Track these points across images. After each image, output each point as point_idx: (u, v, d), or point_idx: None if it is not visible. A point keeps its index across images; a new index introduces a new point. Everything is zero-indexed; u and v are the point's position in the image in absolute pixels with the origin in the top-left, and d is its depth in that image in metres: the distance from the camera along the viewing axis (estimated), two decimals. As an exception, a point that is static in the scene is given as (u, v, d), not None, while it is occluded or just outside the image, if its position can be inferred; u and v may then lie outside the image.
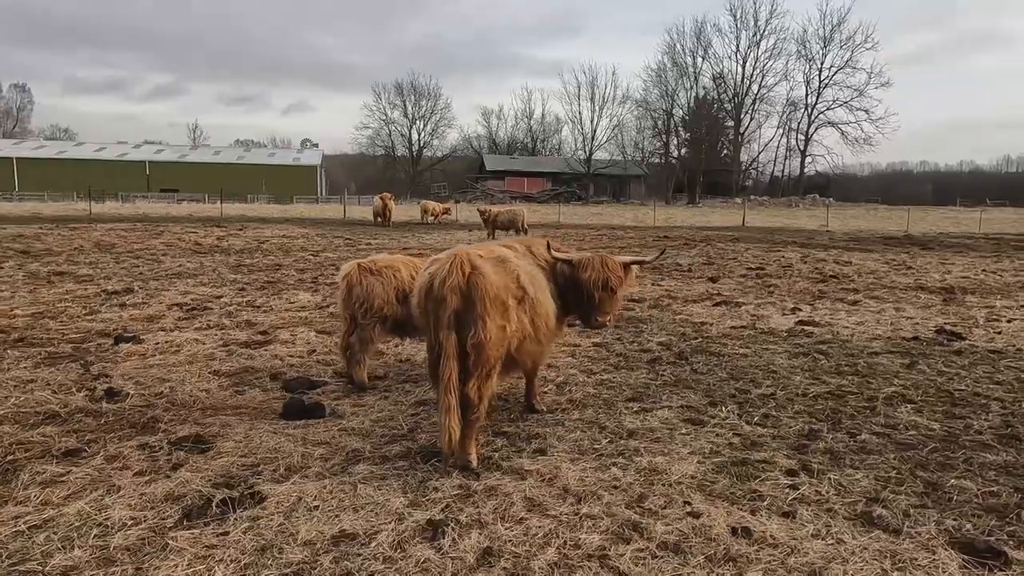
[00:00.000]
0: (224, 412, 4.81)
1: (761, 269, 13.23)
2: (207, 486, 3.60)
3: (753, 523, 3.34)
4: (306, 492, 3.57)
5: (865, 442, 4.49)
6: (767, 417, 4.95)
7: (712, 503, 3.55)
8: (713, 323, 8.13)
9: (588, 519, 3.35)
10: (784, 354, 6.73)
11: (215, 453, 4.07)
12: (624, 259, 4.91)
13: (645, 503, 3.54)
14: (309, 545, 3.07)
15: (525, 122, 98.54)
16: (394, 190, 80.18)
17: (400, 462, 4.01)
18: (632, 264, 4.97)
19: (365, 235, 21.97)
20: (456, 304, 3.71)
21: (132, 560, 2.93)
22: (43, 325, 7.31)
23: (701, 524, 3.32)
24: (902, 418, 4.94)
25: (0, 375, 5.44)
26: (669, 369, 6.15)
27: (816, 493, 3.72)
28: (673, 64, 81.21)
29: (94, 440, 4.21)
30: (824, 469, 4.03)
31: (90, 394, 5.03)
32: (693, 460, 4.10)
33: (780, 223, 35.84)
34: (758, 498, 3.64)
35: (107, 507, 3.37)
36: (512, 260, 4.13)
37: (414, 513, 3.38)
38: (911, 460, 4.20)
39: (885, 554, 3.09)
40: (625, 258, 4.94)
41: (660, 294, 10.17)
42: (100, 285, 10.11)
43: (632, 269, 4.99)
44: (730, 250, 17.68)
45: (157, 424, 4.51)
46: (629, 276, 4.92)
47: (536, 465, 3.98)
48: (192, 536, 3.12)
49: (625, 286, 4.86)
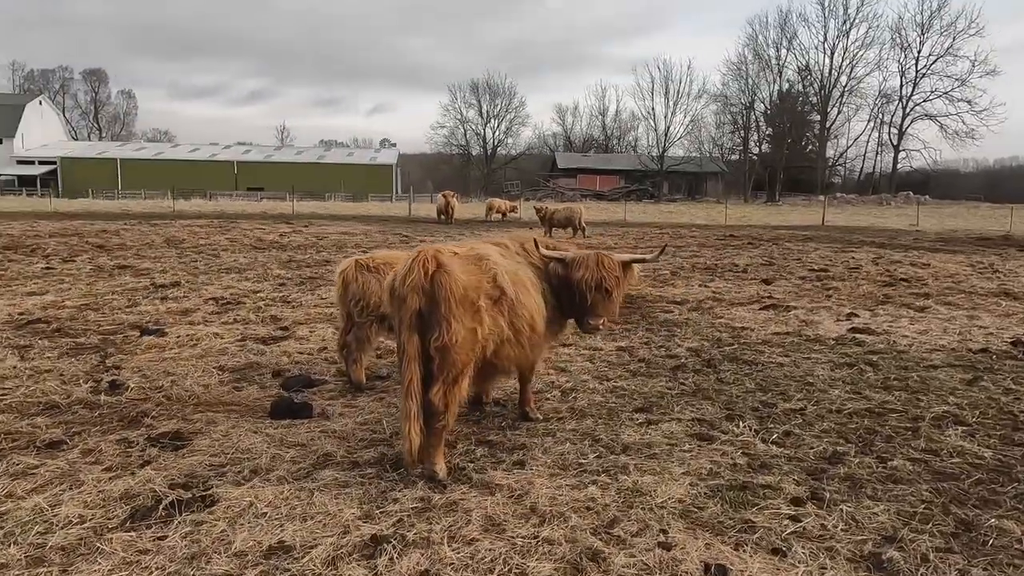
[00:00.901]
0: (215, 408, 4.76)
1: (825, 271, 12.32)
2: (164, 486, 3.51)
3: (732, 560, 2.94)
4: (260, 497, 3.43)
5: (896, 469, 3.94)
6: (788, 435, 4.46)
7: (692, 533, 3.16)
8: (755, 328, 7.54)
9: (546, 544, 3.04)
10: (827, 364, 6.13)
11: (188, 451, 4.00)
12: (623, 257, 4.52)
13: (615, 529, 3.19)
14: (240, 556, 2.90)
15: (600, 119, 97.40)
16: (468, 188, 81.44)
17: (369, 469, 3.82)
18: (633, 263, 4.58)
19: (424, 232, 22.12)
20: (418, 304, 3.47)
21: (61, 562, 2.85)
22: (84, 316, 7.59)
23: (671, 558, 2.94)
24: (948, 442, 4.33)
25: (21, 364, 5.63)
26: (692, 378, 5.70)
27: (820, 527, 3.26)
28: (755, 57, 78.08)
29: (79, 433, 4.23)
30: (838, 499, 3.55)
31: (95, 386, 5.11)
32: (685, 482, 3.70)
33: (865, 222, 33.70)
34: (748, 530, 3.22)
35: (62, 503, 3.33)
36: (491, 258, 3.84)
37: (362, 527, 3.17)
38: (947, 493, 3.65)
39: (882, 608, 2.63)
40: (624, 256, 4.55)
41: (706, 296, 9.59)
42: (153, 279, 10.50)
43: (633, 268, 4.60)
44: (797, 250, 16.64)
45: (144, 419, 4.50)
46: (629, 276, 4.53)
47: (509, 479, 3.69)
48: (129, 539, 3.02)
49: (623, 287, 4.47)
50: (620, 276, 4.41)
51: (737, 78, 78.52)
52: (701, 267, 12.79)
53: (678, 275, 11.69)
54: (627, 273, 4.52)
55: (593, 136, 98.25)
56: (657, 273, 11.82)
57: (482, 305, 3.62)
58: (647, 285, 10.46)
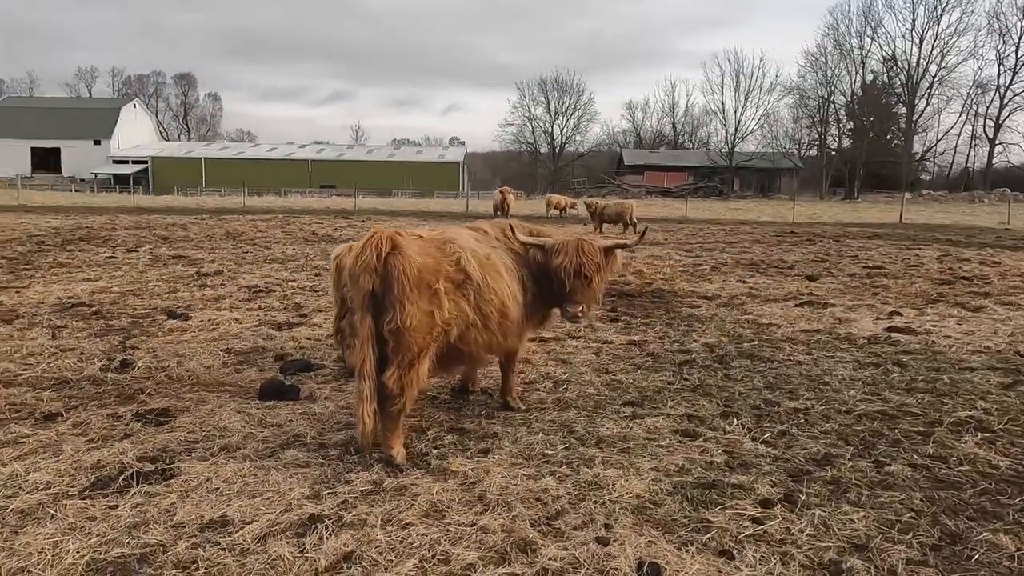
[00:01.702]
0: (210, 388, 4.91)
1: (880, 268, 11.56)
2: (133, 458, 3.63)
3: (670, 559, 2.77)
4: (219, 473, 3.49)
5: (891, 474, 3.64)
6: (782, 435, 4.19)
7: (638, 529, 3.00)
8: (782, 325, 7.15)
9: (480, 532, 2.95)
10: (850, 364, 5.74)
11: (168, 427, 4.13)
12: (605, 243, 4.37)
13: (558, 521, 3.07)
14: (177, 528, 2.95)
15: (669, 115, 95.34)
16: (535, 186, 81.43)
17: (334, 451, 3.83)
18: (615, 248, 4.42)
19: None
20: (370, 285, 3.44)
21: (15, 523, 2.97)
22: (124, 301, 8.00)
23: (605, 553, 2.80)
24: (961, 449, 3.97)
25: (50, 342, 5.98)
26: (698, 373, 5.45)
27: (784, 531, 3.03)
28: (836, 46, 74.37)
29: (77, 407, 4.44)
30: (814, 503, 3.30)
31: (107, 364, 5.36)
32: (650, 477, 3.52)
33: (949, 220, 31.53)
34: (702, 529, 3.03)
35: (38, 470, 3.49)
36: (456, 242, 3.78)
37: (305, 506, 3.18)
38: (942, 502, 3.33)
39: (818, 619, 2.41)
40: (606, 242, 4.40)
41: (740, 292, 9.18)
42: (200, 268, 10.97)
43: (615, 254, 4.45)
44: (857, 247, 15.71)
45: (139, 395, 4.68)
46: (610, 262, 4.38)
47: (467, 467, 3.62)
48: (82, 506, 3.13)
49: (604, 273, 4.32)
50: (600, 262, 4.27)
51: (815, 70, 75.08)
52: (746, 263, 12.26)
53: (718, 271, 11.26)
54: (609, 259, 4.38)
55: (663, 132, 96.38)
56: (696, 268, 11.43)
57: (441, 288, 3.55)
58: (681, 280, 10.13)
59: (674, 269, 11.30)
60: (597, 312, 7.12)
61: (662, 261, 12.35)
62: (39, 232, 16.83)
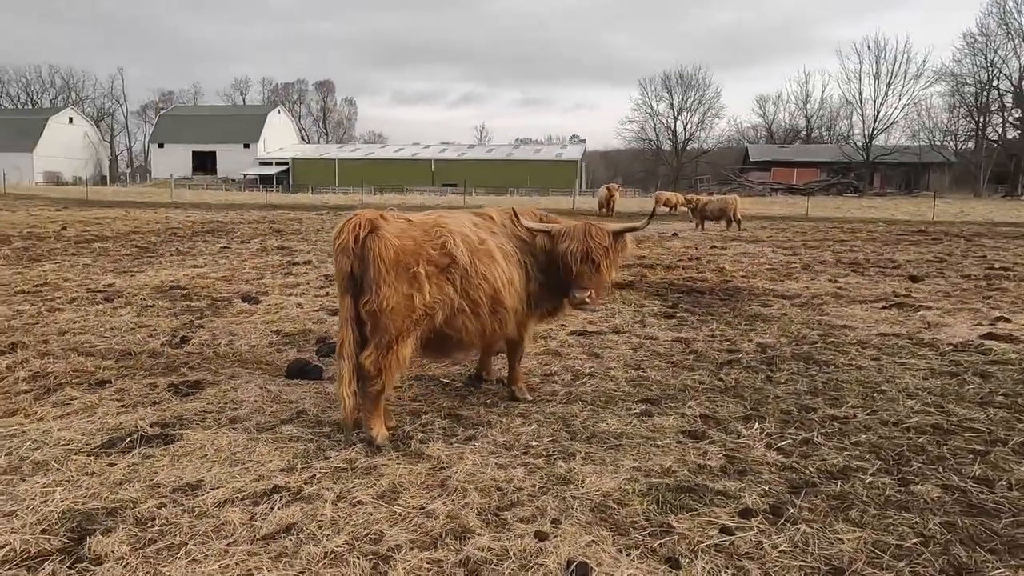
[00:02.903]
0: (246, 365, 5.21)
1: (1005, 271, 10.12)
2: (148, 424, 3.93)
3: (604, 561, 2.59)
4: (215, 442, 3.69)
5: (913, 494, 3.20)
6: (805, 443, 3.81)
7: (586, 528, 2.83)
8: (858, 328, 6.48)
9: (424, 516, 2.92)
10: (922, 372, 5.10)
11: (193, 398, 4.43)
12: (614, 227, 4.18)
13: (506, 512, 2.96)
14: (153, 488, 3.16)
15: (803, 108, 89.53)
16: (657, 184, 79.46)
17: (327, 428, 3.93)
18: (625, 232, 4.22)
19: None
20: (349, 266, 3.49)
21: (26, 473, 3.31)
22: (214, 286, 8.70)
23: (538, 548, 2.67)
24: (1017, 473, 3.41)
25: (134, 319, 6.62)
26: (738, 374, 5.07)
27: (754, 545, 2.75)
28: (1001, 25, 66.29)
29: (125, 376, 4.88)
30: (805, 518, 2.97)
31: (169, 340, 5.85)
32: (625, 476, 3.32)
33: None
34: (659, 534, 2.81)
35: (67, 429, 3.87)
36: (445, 226, 3.75)
37: (275, 477, 3.29)
38: (964, 530, 2.88)
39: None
40: (615, 226, 4.21)
41: (826, 291, 8.42)
42: (293, 258, 11.71)
43: (625, 238, 4.26)
44: (990, 248, 13.91)
45: (182, 368, 5.06)
46: (620, 246, 4.19)
47: (443, 452, 3.58)
48: (85, 462, 3.43)
49: (613, 257, 4.14)
50: (609, 247, 4.10)
51: (974, 52, 67.37)
52: (847, 262, 11.23)
53: (810, 269, 10.39)
54: (618, 244, 4.20)
55: (797, 127, 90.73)
56: (786, 267, 10.62)
57: (421, 271, 3.54)
58: (764, 278, 9.46)
59: (760, 267, 10.58)
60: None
61: (751, 259, 11.61)
62: (176, 226, 18.67)
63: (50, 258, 11.16)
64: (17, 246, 12.70)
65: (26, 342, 5.65)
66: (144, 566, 2.54)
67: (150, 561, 2.58)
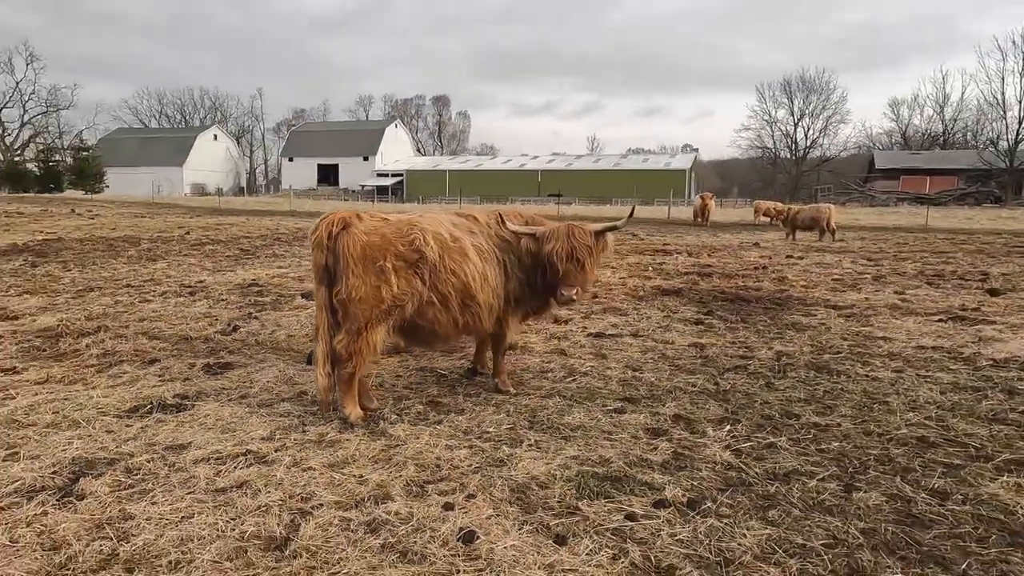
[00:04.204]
0: (278, 352, 5.78)
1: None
2: (171, 395, 4.52)
3: (493, 531, 2.79)
4: (218, 413, 4.20)
5: (851, 501, 3.14)
6: (768, 447, 3.78)
7: (495, 504, 3.04)
8: (899, 340, 6.11)
9: (357, 483, 3.24)
10: (944, 386, 4.80)
11: (219, 377, 5.01)
12: (595, 227, 4.35)
13: (430, 485, 3.23)
14: (150, 446, 3.68)
15: (940, 111, 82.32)
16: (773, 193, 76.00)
17: (317, 407, 4.35)
18: (605, 231, 4.39)
19: (665, 234, 21.68)
20: (323, 259, 3.89)
21: (61, 428, 3.95)
22: (287, 284, 9.53)
23: (440, 516, 2.91)
24: (982, 488, 3.24)
25: (205, 310, 7.45)
26: (737, 380, 5.01)
27: (651, 532, 2.84)
28: None
29: (173, 356, 5.58)
30: (722, 513, 3.01)
31: (224, 328, 6.56)
32: (560, 463, 3.47)
33: None
34: (564, 515, 2.97)
35: (108, 396, 4.54)
36: (420, 225, 4.06)
37: (251, 444, 3.72)
38: (879, 537, 2.82)
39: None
40: (596, 226, 4.37)
41: (886, 303, 7.91)
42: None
43: (606, 238, 4.43)
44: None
45: (221, 352, 5.70)
46: (601, 245, 4.39)
47: (404, 432, 3.89)
48: (108, 422, 4.03)
49: (596, 256, 4.36)
50: (591, 246, 4.30)
51: None
52: (930, 274, 10.40)
53: (882, 280, 9.74)
54: (599, 243, 4.39)
55: (934, 131, 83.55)
56: (856, 277, 10.02)
57: (388, 266, 3.88)
58: (824, 288, 9.02)
59: (827, 277, 10.05)
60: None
61: (823, 269, 11.04)
62: (283, 232, 20.30)
63: (164, 258, 12.60)
64: (143, 247, 14.42)
65: (109, 326, 6.56)
66: (114, 504, 3.03)
67: (121, 501, 3.06)
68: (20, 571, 2.51)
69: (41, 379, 4.90)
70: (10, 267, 10.77)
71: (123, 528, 2.82)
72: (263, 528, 2.81)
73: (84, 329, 6.40)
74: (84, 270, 10.62)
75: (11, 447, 3.63)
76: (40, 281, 9.43)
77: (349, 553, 2.64)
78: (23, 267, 10.82)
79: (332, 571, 2.52)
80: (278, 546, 2.70)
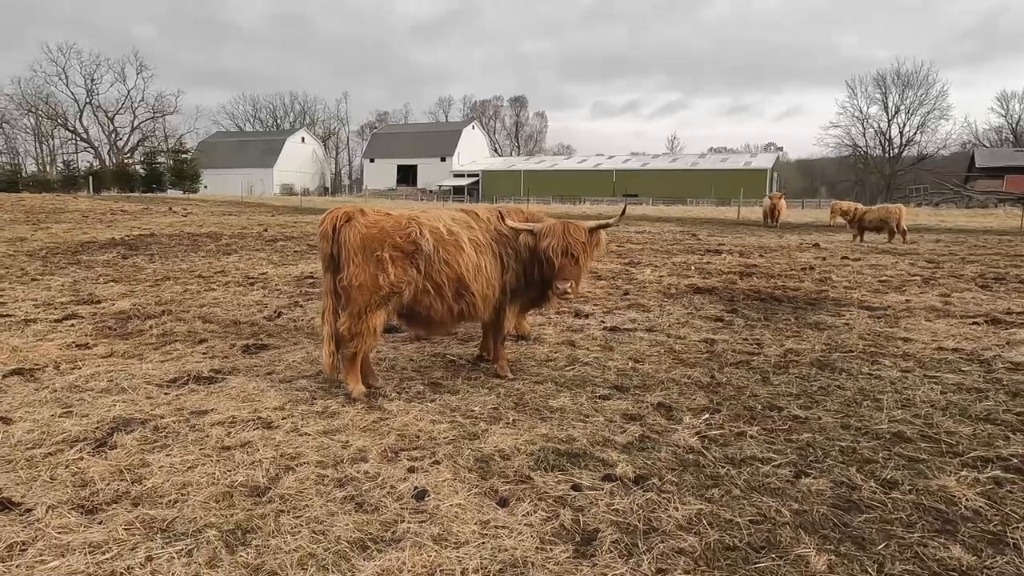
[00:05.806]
0: (311, 336, 6.30)
1: None
2: (208, 370, 5.10)
3: (443, 491, 3.12)
4: (244, 386, 4.72)
5: (795, 485, 3.27)
6: (738, 435, 3.92)
7: (455, 471, 3.36)
8: (919, 341, 5.98)
9: (341, 447, 3.63)
10: (946, 387, 4.74)
11: (253, 356, 5.57)
12: (589, 224, 4.61)
13: (403, 452, 3.58)
14: (178, 410, 4.22)
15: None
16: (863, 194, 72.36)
17: (331, 385, 4.80)
18: (599, 228, 4.64)
19: (728, 235, 21.28)
20: (328, 249, 4.32)
21: (112, 393, 4.57)
22: (339, 277, 10.17)
23: (401, 477, 3.27)
24: (932, 481, 3.30)
25: (258, 298, 8.14)
26: (734, 373, 5.12)
27: (590, 502, 3.10)
28: None
29: (219, 337, 6.21)
30: (665, 489, 3.23)
31: (270, 315, 7.19)
32: (527, 439, 3.76)
33: None
34: (515, 483, 3.26)
35: (157, 369, 5.17)
36: (419, 220, 4.43)
37: (261, 412, 4.20)
38: (806, 517, 2.96)
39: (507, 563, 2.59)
40: (590, 223, 4.63)
41: (924, 305, 7.65)
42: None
43: (599, 235, 4.70)
44: None
45: (261, 335, 6.29)
46: (595, 241, 4.66)
47: (397, 408, 4.26)
48: (150, 389, 4.62)
49: (590, 252, 4.64)
50: (586, 242, 4.57)
51: None
52: (990, 277, 9.84)
53: (931, 282, 9.34)
54: (593, 239, 4.64)
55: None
56: (904, 279, 9.66)
57: (386, 256, 4.27)
58: (867, 289, 8.78)
59: (874, 279, 9.75)
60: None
61: (875, 271, 10.67)
62: (353, 229, 21.31)
63: (238, 252, 13.62)
64: (222, 242, 15.59)
65: (173, 311, 7.31)
66: (137, 454, 3.55)
67: (143, 452, 3.59)
68: (52, 500, 3.04)
69: (106, 353, 5.61)
70: (104, 258, 11.98)
71: (139, 473, 3.33)
72: (250, 479, 3.26)
73: (151, 313, 7.17)
74: (166, 262, 11.69)
75: (67, 406, 4.26)
76: (126, 271, 10.49)
77: (314, 501, 3.03)
78: (115, 259, 12.01)
79: (296, 515, 2.93)
80: (259, 493, 3.13)
